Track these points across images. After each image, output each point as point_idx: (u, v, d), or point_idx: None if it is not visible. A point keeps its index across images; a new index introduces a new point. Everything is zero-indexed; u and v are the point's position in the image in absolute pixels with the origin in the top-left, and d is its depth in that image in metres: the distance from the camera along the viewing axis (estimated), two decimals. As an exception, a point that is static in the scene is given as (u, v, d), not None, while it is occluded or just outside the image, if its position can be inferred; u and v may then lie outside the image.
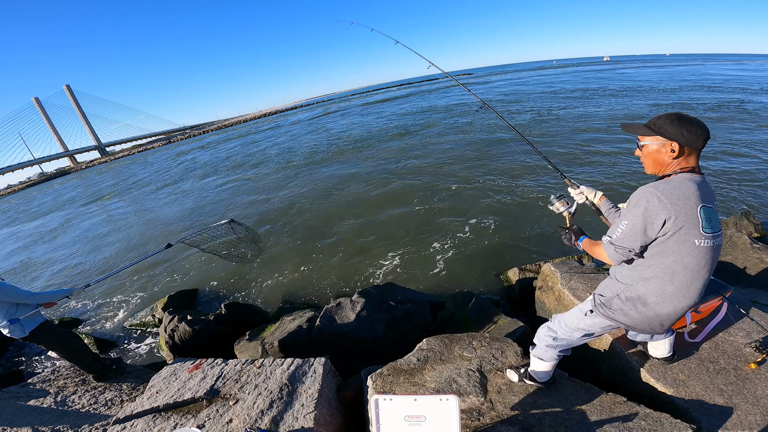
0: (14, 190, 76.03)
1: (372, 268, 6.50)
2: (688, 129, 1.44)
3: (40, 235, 16.05)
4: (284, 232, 9.07)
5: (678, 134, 1.47)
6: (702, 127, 1.46)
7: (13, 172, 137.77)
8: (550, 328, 2.01)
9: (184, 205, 14.58)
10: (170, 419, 2.40)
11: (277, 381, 2.49)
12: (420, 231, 7.51)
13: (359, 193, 10.73)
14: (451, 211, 8.26)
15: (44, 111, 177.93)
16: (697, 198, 1.41)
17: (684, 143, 1.47)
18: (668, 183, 1.46)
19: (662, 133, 1.50)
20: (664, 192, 1.42)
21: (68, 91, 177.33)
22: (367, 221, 8.62)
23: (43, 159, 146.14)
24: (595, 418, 1.87)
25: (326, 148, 20.61)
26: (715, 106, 15.63)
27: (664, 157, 1.53)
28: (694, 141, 1.46)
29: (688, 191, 1.42)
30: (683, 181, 1.45)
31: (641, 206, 1.46)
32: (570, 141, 12.43)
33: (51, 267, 10.95)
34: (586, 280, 2.95)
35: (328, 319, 3.73)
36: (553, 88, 32.25)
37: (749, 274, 3.41)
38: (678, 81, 28.05)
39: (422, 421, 1.59)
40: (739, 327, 2.23)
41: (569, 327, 1.89)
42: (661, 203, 1.41)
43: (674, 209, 1.40)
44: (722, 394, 1.87)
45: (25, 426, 2.82)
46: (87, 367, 3.56)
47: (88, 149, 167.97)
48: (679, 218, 1.41)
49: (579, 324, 1.85)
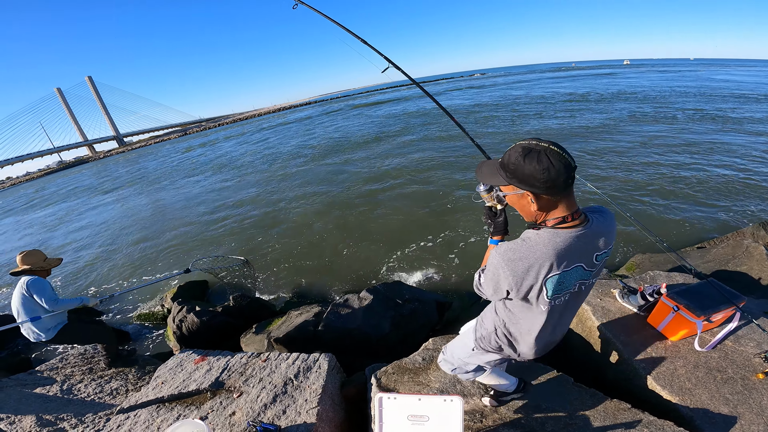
0: (32, 177, 77.76)
1: (380, 266, 6.52)
2: (540, 169, 1.06)
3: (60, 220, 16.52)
4: (294, 226, 9.14)
5: (530, 179, 1.10)
6: (557, 160, 1.05)
7: (32, 159, 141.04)
8: (446, 360, 1.92)
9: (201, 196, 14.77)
10: (174, 410, 2.43)
11: (282, 375, 2.52)
12: (430, 231, 7.50)
13: (372, 192, 10.73)
14: (462, 211, 8.23)
15: (65, 101, 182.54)
16: (549, 267, 1.17)
17: (540, 191, 1.12)
18: (520, 246, 1.20)
19: (514, 181, 1.16)
20: (508, 262, 1.19)
21: (90, 82, 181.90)
22: (379, 219, 8.64)
23: (63, 148, 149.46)
24: (598, 423, 1.86)
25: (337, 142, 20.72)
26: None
27: (530, 208, 1.20)
28: (551, 186, 1.09)
29: (541, 257, 1.16)
30: (542, 241, 1.17)
31: (490, 269, 1.28)
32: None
33: (77, 250, 11.22)
34: (596, 285, 2.91)
35: (335, 314, 3.75)
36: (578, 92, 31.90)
37: (764, 285, 3.34)
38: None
39: (425, 421, 1.60)
40: (750, 337, 2.20)
41: (462, 360, 1.80)
42: (504, 274, 1.22)
43: (515, 281, 1.21)
44: (727, 404, 1.85)
45: (29, 414, 2.87)
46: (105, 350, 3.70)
47: (106, 139, 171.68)
48: (521, 290, 1.23)
49: (469, 359, 1.75)
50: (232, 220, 10.71)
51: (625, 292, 2.66)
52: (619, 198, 7.69)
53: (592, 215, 1.23)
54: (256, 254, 7.88)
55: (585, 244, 1.19)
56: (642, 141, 11.82)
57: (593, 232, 1.20)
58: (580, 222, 1.18)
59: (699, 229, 6.15)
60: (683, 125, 13.63)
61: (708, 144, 10.77)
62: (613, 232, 1.27)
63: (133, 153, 71.24)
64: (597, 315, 2.54)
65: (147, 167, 32.69)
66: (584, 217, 1.20)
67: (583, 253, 1.20)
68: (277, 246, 8.17)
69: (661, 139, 11.89)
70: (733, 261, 3.72)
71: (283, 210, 10.60)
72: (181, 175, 22.04)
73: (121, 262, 9.25)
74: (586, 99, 24.61)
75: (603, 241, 1.23)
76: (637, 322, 2.44)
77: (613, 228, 1.27)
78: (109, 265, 9.19)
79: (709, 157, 9.58)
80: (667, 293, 2.28)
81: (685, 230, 6.21)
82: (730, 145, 10.44)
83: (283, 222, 9.71)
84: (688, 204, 7.07)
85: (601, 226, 1.22)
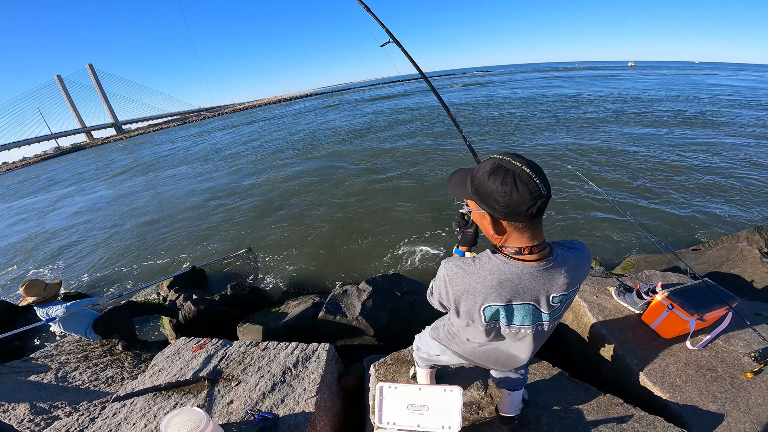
0: (29, 162, 77.17)
1: (379, 258, 6.56)
2: (502, 191, 0.92)
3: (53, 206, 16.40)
4: (294, 217, 9.16)
5: (489, 199, 0.97)
6: (523, 184, 0.91)
7: (29, 145, 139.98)
8: (419, 336, 1.87)
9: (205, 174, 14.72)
10: (171, 398, 2.42)
11: (281, 364, 2.53)
12: (430, 223, 7.54)
13: (373, 182, 10.74)
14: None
15: (65, 88, 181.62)
16: (486, 296, 1.07)
17: (499, 215, 0.99)
18: (467, 267, 1.09)
19: (476, 197, 1.04)
20: (451, 280, 1.12)
21: (90, 70, 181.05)
22: (379, 211, 8.66)
23: (60, 134, 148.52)
24: (591, 417, 1.90)
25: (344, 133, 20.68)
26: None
27: (488, 230, 1.08)
28: (511, 213, 0.95)
29: (482, 284, 1.06)
30: (491, 268, 1.06)
31: (437, 280, 1.21)
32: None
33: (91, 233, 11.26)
34: (593, 283, 2.96)
35: (334, 305, 3.77)
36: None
37: (756, 288, 3.41)
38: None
39: (425, 410, 1.63)
40: (740, 337, 2.25)
41: (427, 344, 1.72)
42: (445, 289, 1.15)
43: (454, 300, 1.15)
44: (716, 401, 1.90)
45: (23, 402, 2.84)
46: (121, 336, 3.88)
47: (104, 126, 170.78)
48: (459, 310, 1.17)
49: (431, 345, 1.67)
50: (226, 210, 10.76)
51: (621, 290, 2.70)
52: (618, 197, 7.74)
53: (560, 252, 1.08)
54: (253, 245, 7.89)
55: (540, 283, 1.06)
56: (638, 142, 11.89)
57: (553, 271, 1.05)
58: (541, 257, 1.04)
59: (694, 232, 6.22)
60: (670, 128, 13.76)
61: (706, 146, 10.85)
62: (582, 274, 1.12)
63: (131, 140, 70.81)
64: (593, 312, 2.58)
65: (143, 155, 32.61)
66: (548, 252, 1.06)
67: (535, 291, 1.07)
68: (274, 236, 8.19)
69: (657, 141, 11.97)
70: (727, 263, 3.78)
71: (280, 200, 10.61)
72: (175, 164, 21.98)
73: (120, 252, 9.19)
74: (575, 101, 24.83)
75: (565, 283, 1.07)
76: (632, 319, 2.49)
77: (583, 270, 1.12)
78: (107, 258, 9.13)
79: (707, 160, 9.66)
80: (662, 292, 2.32)
81: (680, 232, 6.28)
82: (729, 148, 10.53)
83: (281, 211, 9.74)
84: (683, 206, 7.14)
85: (567, 266, 1.07)
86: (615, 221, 6.66)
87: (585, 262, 1.12)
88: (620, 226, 6.47)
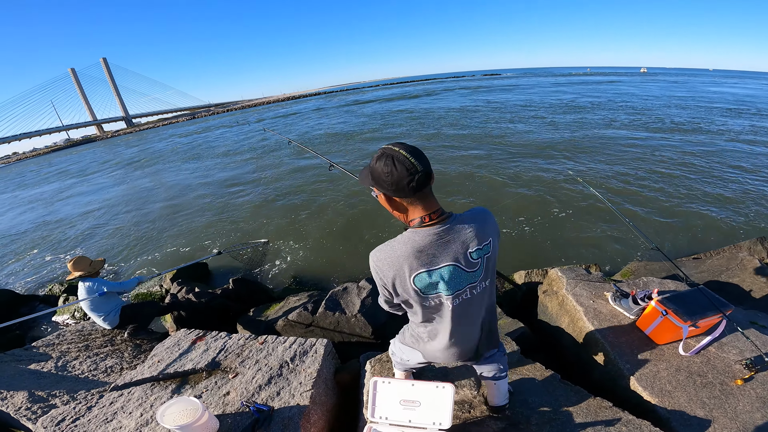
0: (39, 153, 78.06)
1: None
2: (385, 171, 1.11)
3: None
4: (298, 213, 9.21)
5: (379, 180, 1.16)
6: (400, 164, 1.09)
7: (40, 136, 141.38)
8: (393, 341, 1.91)
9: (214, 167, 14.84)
10: (168, 388, 2.47)
11: (278, 358, 2.57)
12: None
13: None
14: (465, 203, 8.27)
15: (78, 81, 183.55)
16: (410, 265, 1.20)
17: (390, 193, 1.17)
18: (385, 248, 1.25)
19: (372, 182, 1.20)
20: (377, 266, 1.26)
21: (104, 63, 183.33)
22: (383, 210, 8.65)
23: (71, 126, 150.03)
24: (580, 420, 1.92)
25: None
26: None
27: (389, 208, 1.26)
28: (396, 189, 1.13)
29: (401, 256, 1.20)
30: (403, 240, 1.22)
31: (374, 278, 1.31)
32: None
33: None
34: (591, 288, 2.98)
35: (333, 302, 3.81)
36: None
37: (753, 297, 3.41)
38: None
39: (417, 406, 1.66)
40: (733, 344, 2.26)
41: (399, 349, 1.78)
42: (378, 278, 1.28)
43: (388, 282, 1.27)
44: (704, 407, 1.92)
45: (22, 390, 2.88)
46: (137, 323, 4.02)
47: (115, 119, 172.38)
48: (396, 292, 1.29)
49: (403, 350, 1.73)
50: (224, 203, 10.88)
51: (618, 295, 2.73)
52: (618, 204, 7.72)
53: (458, 215, 1.25)
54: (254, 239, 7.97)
55: (448, 241, 1.21)
56: (641, 148, 11.83)
57: (457, 227, 1.21)
58: (440, 221, 1.20)
59: (696, 240, 6.19)
60: (668, 134, 13.71)
61: (709, 155, 10.77)
62: (486, 226, 1.27)
63: (141, 134, 71.31)
64: (588, 316, 2.61)
65: (154, 147, 32.85)
66: (447, 216, 1.22)
67: (449, 251, 1.21)
68: (275, 232, 8.25)
69: (660, 146, 11.90)
70: (726, 272, 3.77)
71: (283, 196, 10.67)
72: (183, 157, 22.13)
73: (142, 240, 9.36)
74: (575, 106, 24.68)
75: (473, 235, 1.23)
76: (626, 325, 2.51)
77: (485, 222, 1.27)
78: (131, 244, 9.28)
79: (711, 167, 9.59)
80: (657, 298, 2.34)
81: (681, 240, 6.26)
82: (731, 155, 10.45)
83: (281, 206, 9.82)
84: (686, 215, 7.10)
85: (467, 222, 1.23)
86: (616, 228, 6.63)
87: (485, 216, 1.29)
88: (621, 234, 6.45)
